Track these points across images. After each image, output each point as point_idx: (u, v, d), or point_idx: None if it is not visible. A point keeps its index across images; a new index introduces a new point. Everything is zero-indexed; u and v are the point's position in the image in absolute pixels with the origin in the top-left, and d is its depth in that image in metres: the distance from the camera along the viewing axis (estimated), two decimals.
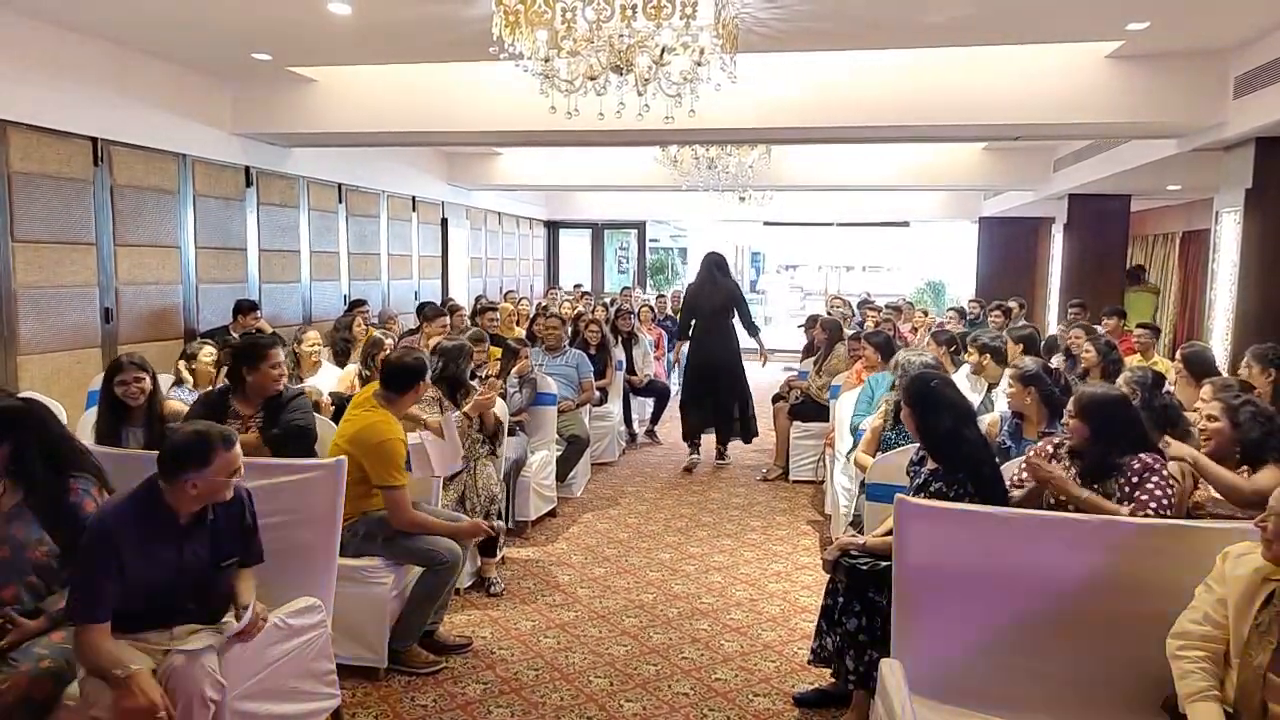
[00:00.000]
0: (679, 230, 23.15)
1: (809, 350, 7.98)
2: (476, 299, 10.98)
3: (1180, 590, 2.34)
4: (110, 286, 6.04)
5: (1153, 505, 2.74)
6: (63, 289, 5.64)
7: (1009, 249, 13.63)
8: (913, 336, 8.33)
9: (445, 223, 11.42)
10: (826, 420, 6.18)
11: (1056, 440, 3.14)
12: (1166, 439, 3.35)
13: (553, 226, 16.03)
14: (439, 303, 8.88)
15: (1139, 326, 6.45)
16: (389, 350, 4.89)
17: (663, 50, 4.09)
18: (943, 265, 23.59)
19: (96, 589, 2.31)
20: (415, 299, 10.09)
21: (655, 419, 8.32)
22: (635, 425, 8.15)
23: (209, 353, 4.92)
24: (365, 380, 5.00)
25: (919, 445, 3.19)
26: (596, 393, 6.79)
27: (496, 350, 5.66)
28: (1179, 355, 4.88)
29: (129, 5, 5.04)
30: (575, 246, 17.01)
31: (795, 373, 7.68)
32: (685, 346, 7.13)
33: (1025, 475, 3.03)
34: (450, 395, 4.46)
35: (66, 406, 4.39)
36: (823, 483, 6.11)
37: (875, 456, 4.18)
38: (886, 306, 9.75)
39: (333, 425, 3.91)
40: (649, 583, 4.55)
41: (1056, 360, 6.10)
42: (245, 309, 6.61)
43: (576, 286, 13.86)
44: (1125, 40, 5.50)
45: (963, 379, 5.24)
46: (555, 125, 4.82)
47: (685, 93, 4.34)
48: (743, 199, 11.89)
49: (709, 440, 7.23)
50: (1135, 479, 2.84)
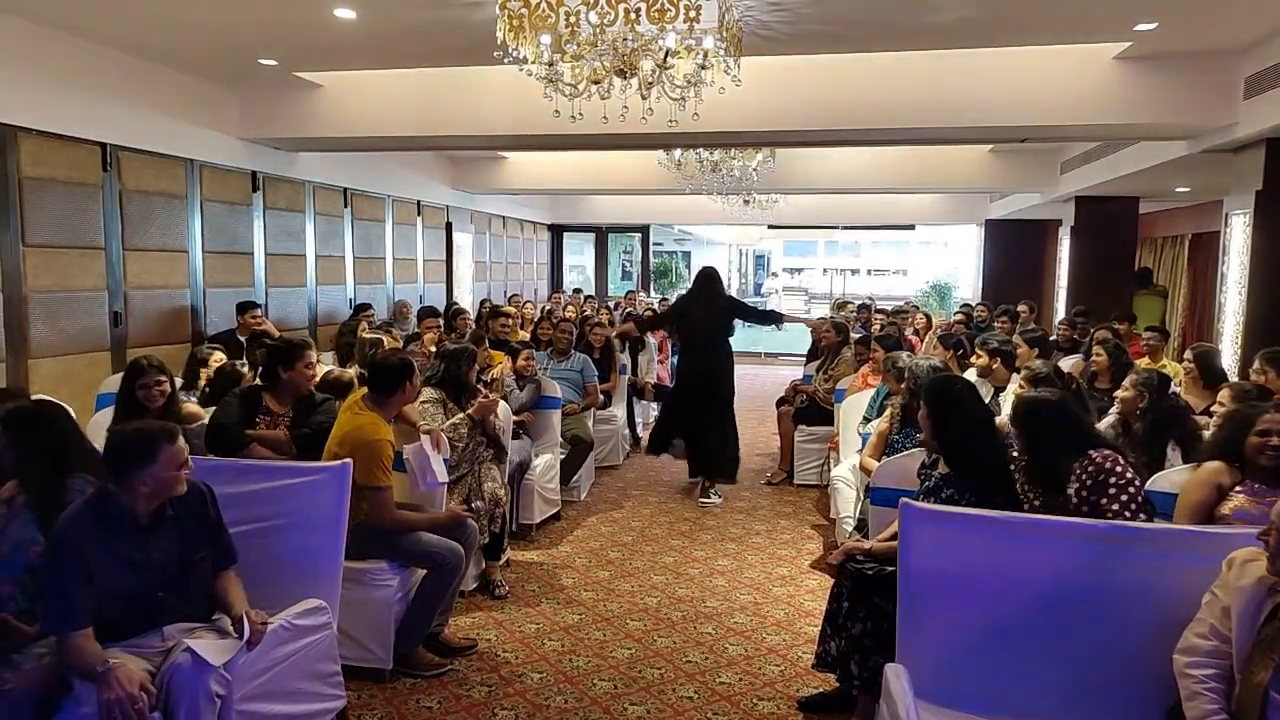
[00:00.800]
0: (683, 234, 23.17)
1: (814, 354, 7.97)
2: (482, 303, 11.02)
3: (1187, 596, 2.32)
4: (119, 290, 6.08)
5: (1126, 514, 2.73)
6: (72, 293, 5.67)
7: (1015, 252, 13.61)
8: (916, 340, 8.31)
9: (450, 227, 11.45)
10: (831, 424, 6.17)
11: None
12: (1173, 442, 3.35)
13: (557, 230, 16.05)
14: (444, 307, 8.89)
15: (1148, 329, 6.43)
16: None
17: (666, 53, 4.11)
18: (948, 268, 23.57)
19: (68, 597, 2.34)
20: (420, 303, 10.11)
21: None
22: (639, 429, 8.16)
23: (219, 358, 4.95)
24: (364, 380, 4.95)
25: (932, 448, 3.17)
26: (601, 396, 6.79)
27: (500, 355, 5.67)
28: (1189, 354, 4.84)
29: (137, 12, 5.08)
30: (579, 250, 17.04)
31: (800, 377, 7.68)
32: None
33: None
34: (455, 398, 4.47)
35: (76, 409, 4.38)
36: (827, 487, 6.10)
37: (880, 460, 4.18)
38: (893, 311, 9.73)
39: None
40: (653, 586, 4.54)
41: (1068, 363, 6.09)
42: (243, 309, 6.66)
43: (576, 291, 13.87)
44: (1134, 41, 5.49)
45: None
46: (559, 129, 4.85)
47: (689, 96, 4.35)
48: (747, 202, 11.89)
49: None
50: (1091, 482, 2.82)
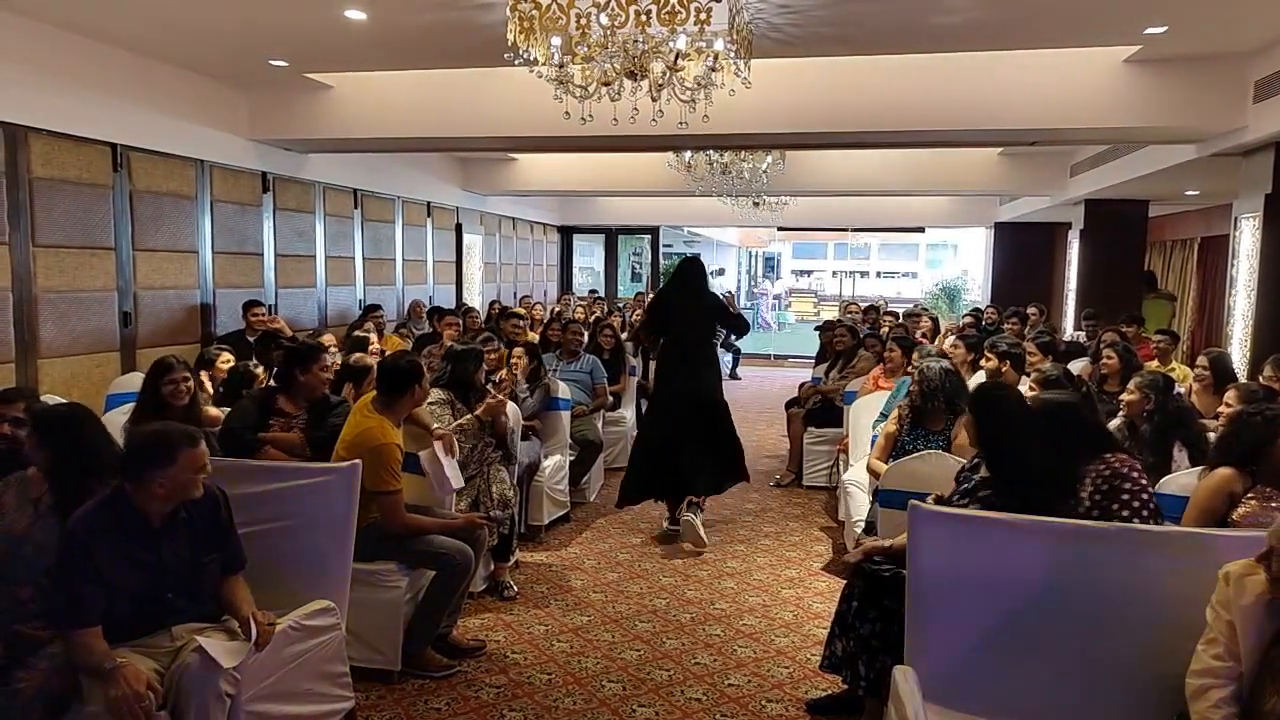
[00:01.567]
0: (693, 236, 23.15)
1: (822, 356, 7.96)
2: (492, 304, 11.04)
3: (1198, 599, 2.30)
4: (129, 291, 6.11)
5: (1137, 520, 2.71)
6: (82, 293, 5.70)
7: (1024, 255, 13.58)
8: (925, 343, 8.28)
9: (460, 228, 11.47)
10: (841, 426, 6.16)
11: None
12: (1179, 443, 3.33)
13: (566, 232, 16.07)
14: (454, 309, 8.93)
15: (1158, 333, 6.40)
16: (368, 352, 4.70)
17: (677, 56, 4.11)
18: (957, 271, 23.50)
19: (77, 595, 2.35)
20: (429, 304, 10.13)
21: None
22: None
23: (226, 359, 4.95)
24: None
25: (975, 454, 3.14)
26: (610, 398, 6.79)
27: (520, 352, 5.62)
28: (1203, 361, 4.81)
29: (148, 12, 5.10)
30: (589, 252, 17.05)
31: (810, 379, 7.66)
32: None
33: None
34: (463, 399, 4.49)
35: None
36: (836, 489, 6.09)
37: (888, 462, 4.17)
38: (906, 314, 9.69)
39: None
40: (662, 588, 4.54)
41: (1078, 366, 6.06)
42: (247, 307, 6.66)
43: (591, 292, 13.88)
44: (1143, 45, 5.47)
45: (977, 381, 5.21)
46: (569, 131, 4.84)
47: (699, 98, 4.35)
48: (757, 204, 11.89)
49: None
50: (1106, 486, 2.80)
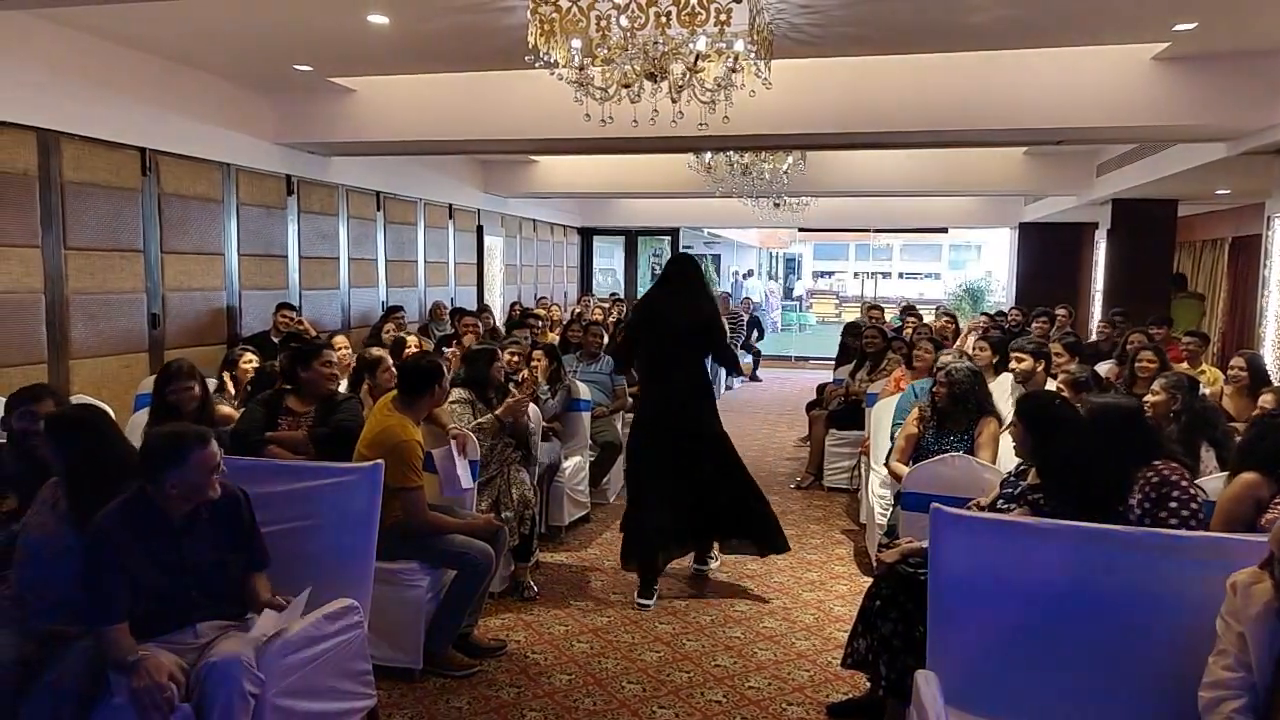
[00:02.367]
0: (713, 237, 23.13)
1: (844, 357, 7.92)
2: (513, 305, 11.09)
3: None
4: (157, 293, 6.19)
5: (1173, 521, 2.68)
6: (112, 295, 5.79)
7: (1050, 255, 13.44)
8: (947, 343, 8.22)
9: (481, 230, 11.53)
10: (863, 428, 6.13)
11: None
12: (1206, 444, 3.29)
13: (586, 234, 16.11)
14: (475, 310, 8.98)
15: (1188, 334, 6.31)
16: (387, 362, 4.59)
17: (697, 57, 4.11)
18: (981, 272, 23.31)
19: (104, 592, 2.41)
20: (451, 305, 10.19)
21: None
22: None
23: (249, 359, 5.02)
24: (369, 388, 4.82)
25: (1021, 461, 3.13)
26: (629, 399, 6.79)
27: (540, 354, 5.64)
28: (1239, 361, 4.72)
29: (177, 19, 5.17)
30: (609, 253, 17.08)
31: (831, 380, 7.64)
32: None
33: None
34: (483, 398, 4.54)
35: (115, 410, 4.49)
36: (857, 491, 6.06)
37: (909, 464, 4.15)
38: (939, 313, 9.62)
39: None
40: (682, 589, 4.54)
41: (1104, 368, 6.00)
42: (278, 308, 6.83)
43: (611, 295, 13.91)
44: (1172, 41, 5.40)
45: (1003, 385, 5.17)
46: (589, 133, 4.86)
47: (719, 99, 4.35)
48: (778, 205, 11.86)
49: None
50: (1154, 494, 2.77)
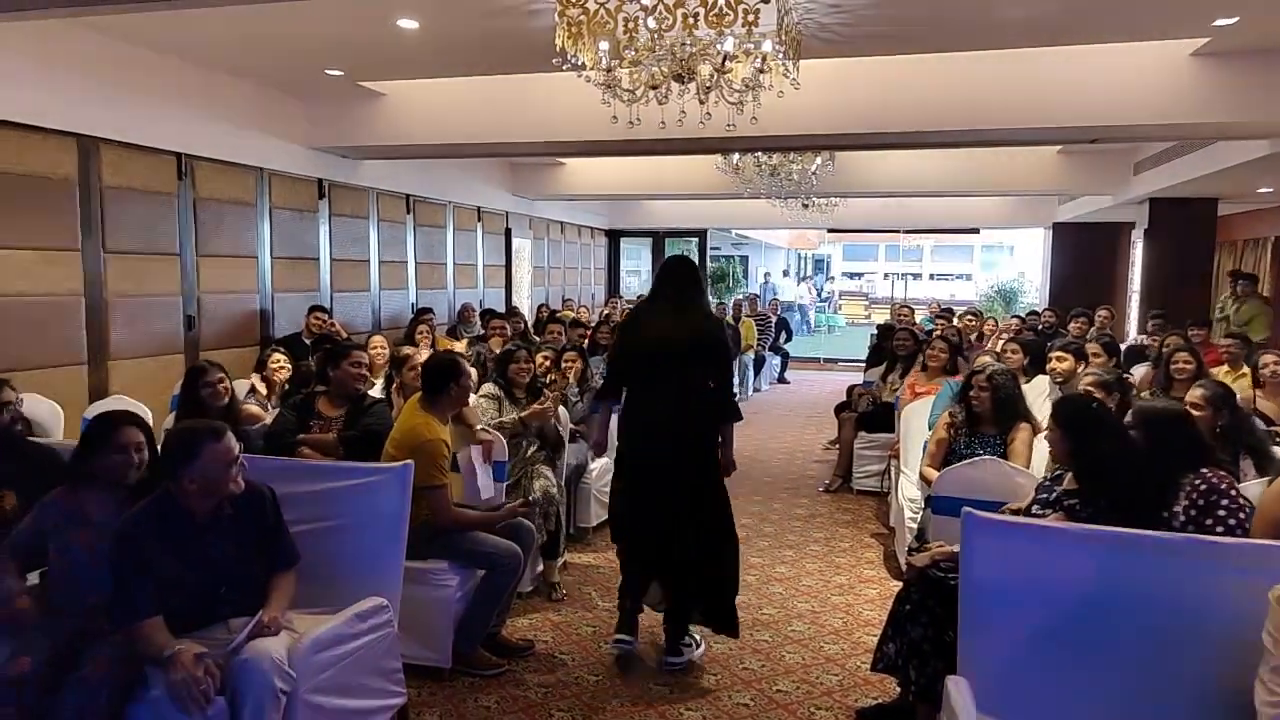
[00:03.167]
0: (740, 238, 23.07)
1: (874, 359, 7.87)
2: (540, 307, 11.14)
3: (1263, 616, 2.22)
4: (193, 295, 6.30)
5: (1220, 530, 2.63)
6: (150, 297, 5.90)
7: (1085, 256, 13.23)
8: (979, 345, 8.13)
9: (509, 233, 11.59)
10: (892, 431, 6.08)
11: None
12: (1243, 451, 3.22)
13: (614, 235, 16.13)
14: (504, 312, 9.04)
15: (1227, 337, 6.17)
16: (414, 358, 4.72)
17: (725, 58, 4.10)
18: (1014, 273, 23.03)
19: (130, 591, 2.45)
20: (480, 307, 10.26)
21: None
22: None
23: (277, 359, 5.11)
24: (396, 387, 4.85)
25: (1057, 465, 3.09)
26: None
27: (573, 356, 5.67)
28: (1271, 357, 4.62)
29: (212, 27, 5.25)
30: (636, 255, 17.11)
31: (861, 382, 7.58)
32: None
33: None
34: (510, 395, 4.63)
35: (152, 410, 4.58)
36: (887, 494, 6.01)
37: (939, 469, 4.11)
38: (965, 313, 9.52)
39: None
40: None
41: (1141, 370, 5.90)
42: (311, 310, 6.95)
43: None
44: (1212, 36, 5.29)
45: (1038, 388, 5.10)
46: (617, 135, 4.86)
47: (747, 100, 4.34)
48: (806, 206, 11.80)
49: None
50: (1202, 502, 2.72)
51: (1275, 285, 10.98)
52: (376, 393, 4.73)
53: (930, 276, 36.32)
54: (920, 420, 5.10)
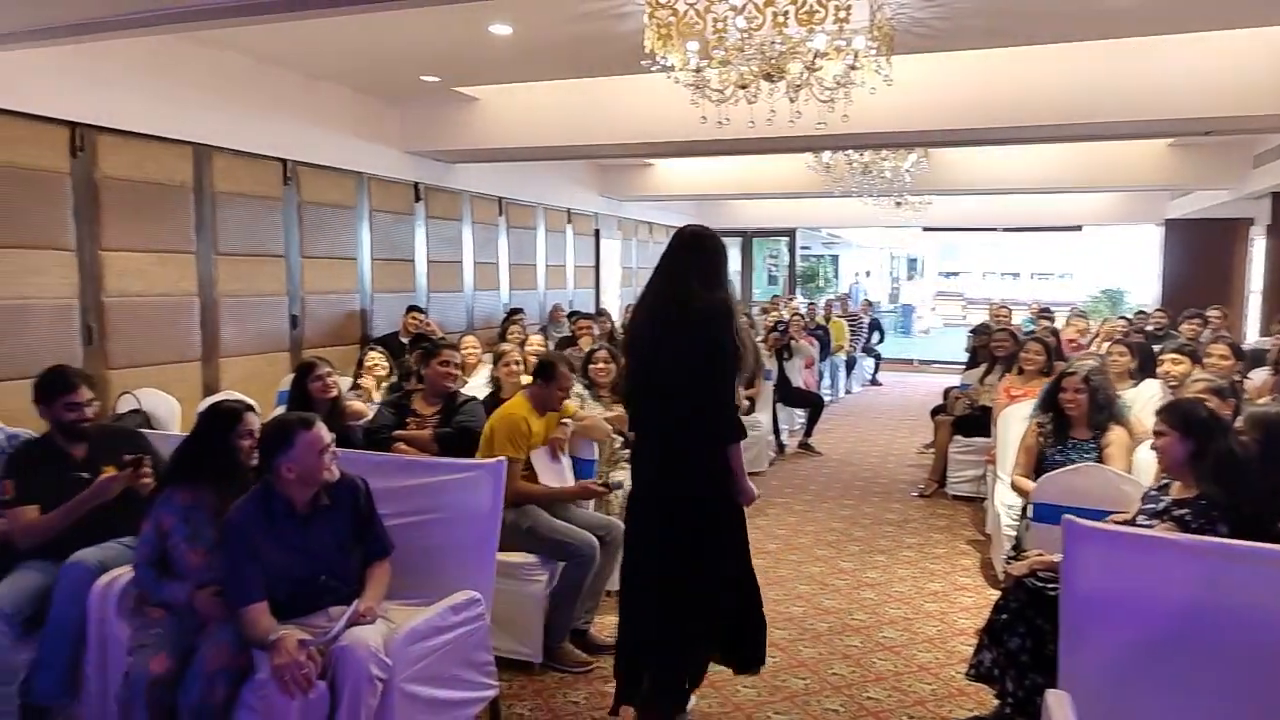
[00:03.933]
0: (831, 237, 22.70)
1: (973, 361, 7.64)
2: (628, 308, 11.21)
3: None
4: (297, 295, 6.58)
5: None
6: (257, 298, 6.19)
7: (1200, 253, 12.51)
8: (1069, 347, 7.77)
9: (598, 234, 11.70)
10: (989, 435, 5.89)
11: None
12: None
13: None
14: (594, 312, 9.14)
15: None
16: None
17: (815, 56, 4.05)
18: (1121, 272, 22.05)
19: (239, 576, 2.57)
20: (569, 308, 10.39)
21: (809, 430, 8.17)
22: (784, 436, 8.05)
23: (373, 358, 5.30)
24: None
25: (1165, 474, 2.97)
26: (745, 402, 6.75)
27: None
28: None
29: (315, 38, 5.47)
30: None
31: (957, 385, 7.37)
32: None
33: None
34: (593, 395, 4.80)
35: (260, 405, 4.79)
36: (983, 500, 5.83)
37: (1032, 477, 3.98)
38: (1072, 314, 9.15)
39: None
40: (798, 596, 4.47)
41: (1260, 376, 5.55)
42: (409, 310, 7.18)
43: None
44: None
45: (1148, 392, 4.87)
46: (706, 135, 4.87)
47: (838, 97, 4.28)
48: (899, 204, 11.55)
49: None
50: None
51: None
52: (479, 388, 4.89)
53: (1030, 276, 35.02)
54: (1018, 425, 4.93)
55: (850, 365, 11.98)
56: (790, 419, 8.36)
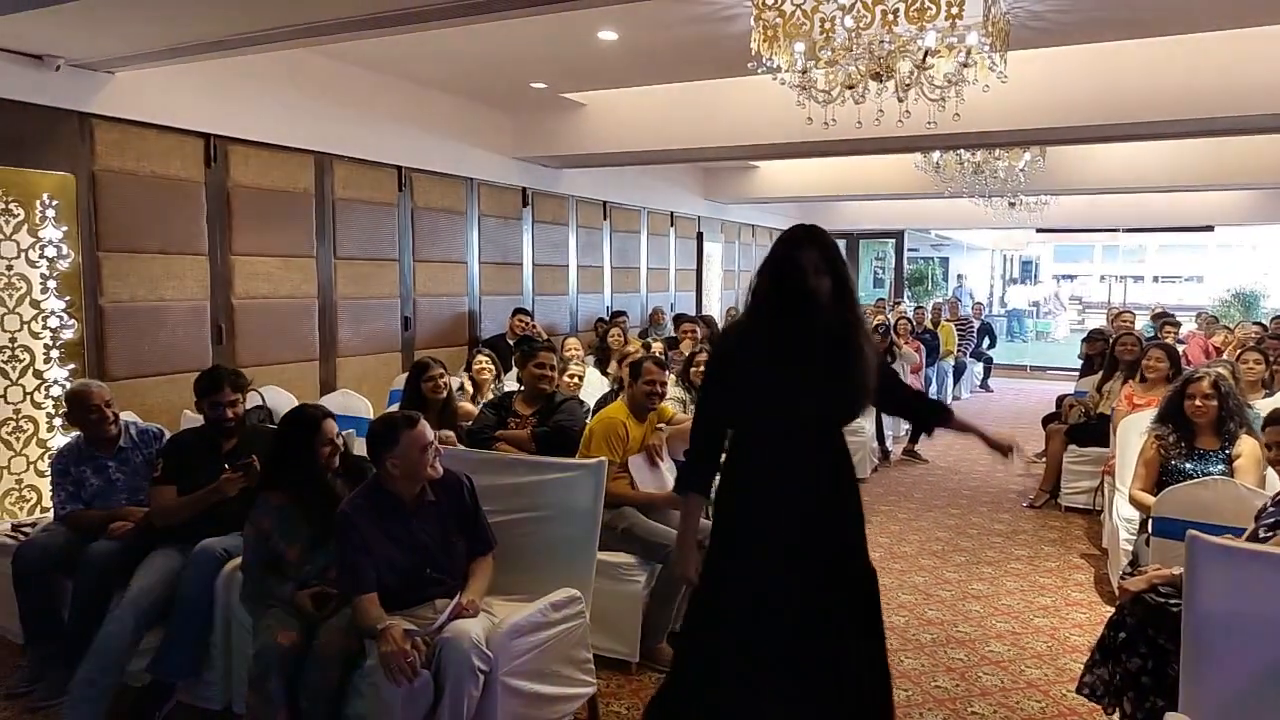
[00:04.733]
0: (940, 239, 22.04)
1: (1088, 368, 7.30)
2: (729, 310, 11.17)
3: None
4: (409, 298, 6.83)
5: None
6: (372, 300, 6.46)
7: None
8: (1197, 353, 7.32)
9: (700, 237, 11.70)
10: (1106, 445, 5.62)
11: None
12: None
13: None
14: (695, 315, 9.16)
15: None
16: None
17: (926, 53, 3.96)
18: (1256, 274, 20.66)
19: (355, 567, 2.68)
20: (671, 311, 10.43)
21: (914, 437, 7.96)
22: (889, 442, 7.87)
23: (481, 360, 5.46)
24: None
25: None
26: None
27: None
28: None
29: (428, 47, 5.67)
30: None
31: (1072, 392, 7.06)
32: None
33: None
34: (692, 399, 4.80)
35: (373, 403, 5.01)
36: (1099, 513, 5.57)
37: (1153, 491, 3.78)
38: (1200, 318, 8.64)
39: None
40: (900, 605, 4.37)
41: None
42: (514, 313, 7.35)
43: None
44: None
45: None
46: (812, 136, 4.82)
47: (949, 96, 4.17)
48: (1013, 204, 11.12)
49: None
50: None
51: None
52: (596, 385, 5.06)
53: (1154, 279, 33.11)
54: (1140, 435, 4.68)
55: (959, 371, 11.61)
56: (895, 425, 8.16)
